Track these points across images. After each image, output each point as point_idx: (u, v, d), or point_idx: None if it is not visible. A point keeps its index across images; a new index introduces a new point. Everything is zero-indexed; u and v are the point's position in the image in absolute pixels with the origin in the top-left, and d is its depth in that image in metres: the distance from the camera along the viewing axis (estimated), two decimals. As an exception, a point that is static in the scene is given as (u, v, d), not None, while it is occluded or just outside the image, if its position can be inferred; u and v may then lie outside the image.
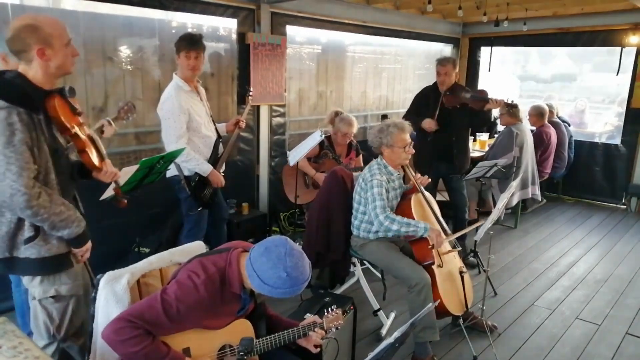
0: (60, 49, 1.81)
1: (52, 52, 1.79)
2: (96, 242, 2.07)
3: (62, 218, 1.80)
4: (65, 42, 1.83)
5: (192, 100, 3.19)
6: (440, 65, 4.05)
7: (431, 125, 4.02)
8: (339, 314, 1.93)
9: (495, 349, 2.95)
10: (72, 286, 1.95)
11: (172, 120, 3.07)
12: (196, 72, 3.17)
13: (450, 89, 4.03)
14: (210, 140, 3.30)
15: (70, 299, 1.96)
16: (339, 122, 4.16)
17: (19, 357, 1.40)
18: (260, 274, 1.61)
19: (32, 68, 1.79)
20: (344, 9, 5.20)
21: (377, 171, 2.93)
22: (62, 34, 1.82)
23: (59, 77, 1.90)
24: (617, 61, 5.82)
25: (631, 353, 3.00)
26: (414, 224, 2.76)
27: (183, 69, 3.13)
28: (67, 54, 1.85)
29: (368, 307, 3.26)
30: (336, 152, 4.27)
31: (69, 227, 1.83)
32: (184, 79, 3.14)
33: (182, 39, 3.11)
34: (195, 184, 3.21)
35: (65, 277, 1.92)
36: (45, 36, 1.77)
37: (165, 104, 3.10)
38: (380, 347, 1.52)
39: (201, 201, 3.26)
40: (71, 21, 3.41)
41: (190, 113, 3.13)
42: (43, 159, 1.76)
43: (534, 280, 4.01)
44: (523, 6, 5.28)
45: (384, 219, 2.76)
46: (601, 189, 6.31)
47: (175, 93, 3.09)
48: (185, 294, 1.62)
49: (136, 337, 1.55)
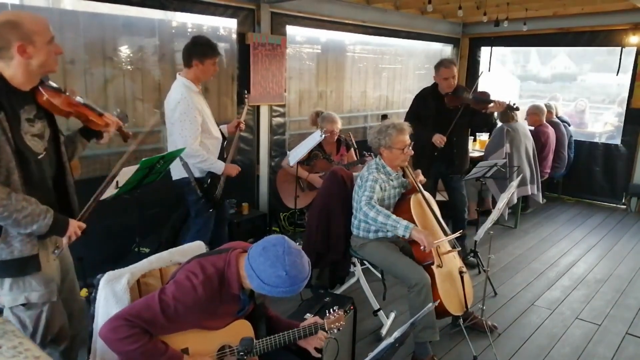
0: (42, 46, 1.74)
1: (33, 49, 1.71)
2: (96, 242, 2.05)
3: (26, 214, 1.70)
4: (47, 39, 1.76)
5: (202, 101, 3.20)
6: (446, 68, 3.94)
7: (442, 141, 3.95)
8: (340, 315, 1.92)
9: (495, 349, 2.95)
10: (44, 293, 1.87)
11: (189, 122, 3.02)
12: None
13: (452, 90, 4.03)
14: (218, 141, 3.31)
15: (43, 306, 1.89)
16: (322, 121, 4.17)
17: (19, 357, 1.40)
18: (259, 274, 1.60)
19: (10, 67, 1.72)
20: (344, 9, 5.20)
21: (375, 170, 2.94)
22: (44, 31, 1.75)
23: (42, 76, 1.82)
24: (617, 61, 5.82)
25: (631, 353, 3.00)
26: (394, 219, 2.72)
27: (204, 74, 3.13)
28: (50, 52, 1.77)
29: (368, 307, 3.26)
30: (326, 151, 4.29)
31: (36, 221, 1.74)
32: (193, 80, 3.12)
33: (207, 46, 3.09)
34: (208, 185, 3.20)
35: (35, 283, 1.85)
36: (27, 32, 1.69)
37: (179, 106, 3.02)
38: (380, 347, 1.52)
39: (213, 202, 3.25)
40: (71, 21, 3.42)
41: (202, 114, 3.12)
42: (3, 159, 1.68)
43: (534, 280, 4.01)
44: (523, 6, 5.28)
45: (365, 204, 2.77)
46: (601, 189, 6.31)
47: (188, 94, 3.05)
48: (183, 295, 1.62)
49: (133, 336, 1.55)
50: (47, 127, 1.89)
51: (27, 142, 1.77)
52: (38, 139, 1.82)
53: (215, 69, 3.18)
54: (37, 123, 1.83)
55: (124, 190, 2.63)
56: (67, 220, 1.88)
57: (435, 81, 4.12)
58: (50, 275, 1.91)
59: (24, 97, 1.79)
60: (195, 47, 3.08)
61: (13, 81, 1.74)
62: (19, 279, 1.83)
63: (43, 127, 1.86)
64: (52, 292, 1.90)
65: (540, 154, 5.53)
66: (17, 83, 1.75)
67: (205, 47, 3.08)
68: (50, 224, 1.79)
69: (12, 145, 1.70)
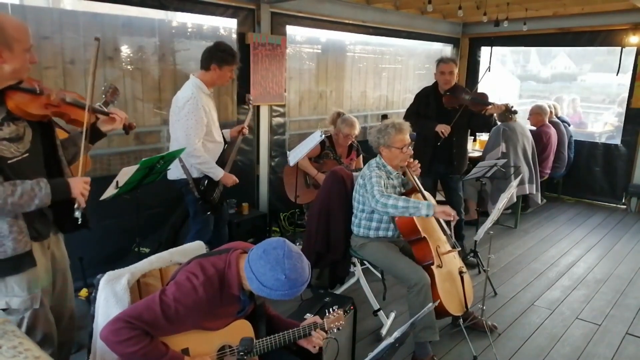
0: (19, 54, 1.72)
1: (9, 55, 1.70)
2: (96, 242, 2.05)
3: (19, 194, 1.69)
4: (26, 47, 1.74)
5: (210, 104, 3.20)
6: (444, 64, 3.99)
7: (446, 130, 3.93)
8: (340, 314, 1.92)
9: (495, 349, 2.95)
10: (26, 299, 1.82)
11: (194, 121, 3.02)
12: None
13: (450, 89, 4.02)
14: (220, 146, 3.31)
15: (25, 312, 1.85)
16: (341, 123, 4.15)
17: (19, 357, 1.40)
18: (258, 277, 1.60)
19: None
20: (344, 9, 5.20)
21: (376, 168, 2.94)
22: (24, 39, 1.73)
23: (10, 82, 1.78)
24: (617, 61, 5.82)
25: (631, 353, 3.00)
26: (413, 201, 2.71)
27: (220, 79, 3.15)
28: (24, 60, 1.75)
29: (368, 307, 3.26)
30: (337, 152, 4.27)
31: (35, 195, 1.72)
32: (206, 83, 3.13)
33: (229, 54, 3.11)
34: (205, 187, 3.20)
35: (18, 289, 1.81)
36: (6, 38, 1.68)
37: (188, 104, 3.02)
38: (380, 347, 1.52)
39: (210, 204, 3.25)
40: (71, 21, 3.42)
41: (209, 117, 3.12)
42: None
43: (534, 280, 4.01)
44: (523, 6, 5.28)
45: (380, 196, 2.74)
46: (601, 189, 6.30)
47: (198, 94, 3.05)
48: (184, 295, 1.62)
49: (134, 338, 1.55)
50: (27, 127, 1.85)
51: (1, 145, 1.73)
52: (9, 142, 1.78)
53: (232, 77, 3.21)
54: (9, 126, 1.78)
55: (124, 190, 2.63)
56: (65, 181, 1.84)
57: (435, 79, 4.13)
58: (36, 279, 1.86)
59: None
60: (217, 52, 3.09)
61: None
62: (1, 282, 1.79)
63: (18, 129, 1.82)
64: (34, 298, 1.85)
65: (541, 154, 5.54)
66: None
67: (226, 54, 3.10)
68: (50, 191, 1.76)
69: None
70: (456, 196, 4.25)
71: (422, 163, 4.17)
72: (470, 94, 3.99)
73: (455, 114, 3.95)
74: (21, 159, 1.80)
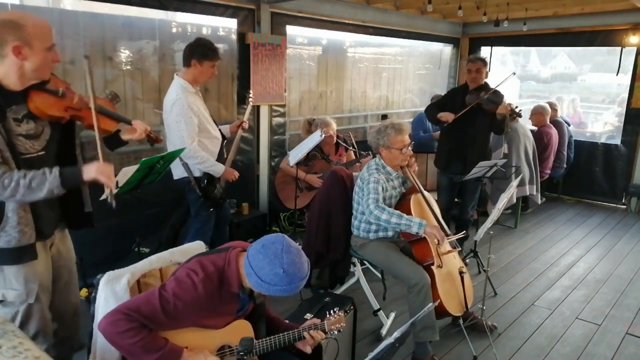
0: (39, 51, 1.74)
1: (29, 52, 1.72)
2: (96, 242, 2.05)
3: (31, 177, 1.71)
4: (47, 45, 1.76)
5: (199, 101, 3.19)
6: (471, 63, 4.10)
7: (448, 117, 3.99)
8: (341, 316, 1.92)
9: (495, 349, 2.95)
10: (21, 293, 1.85)
11: (184, 123, 3.03)
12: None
13: (476, 88, 4.05)
14: (218, 141, 3.31)
15: (20, 305, 1.87)
16: (319, 127, 4.19)
17: (19, 357, 1.40)
18: (257, 271, 1.60)
19: (3, 65, 1.73)
20: (344, 9, 5.20)
21: (375, 170, 2.94)
22: (45, 37, 1.76)
23: (34, 81, 1.81)
24: (617, 61, 5.82)
25: (631, 353, 3.00)
26: (407, 218, 2.73)
27: (202, 75, 3.12)
28: (46, 58, 1.77)
29: (368, 307, 3.26)
30: (325, 152, 4.32)
31: (45, 179, 1.72)
32: (190, 81, 3.11)
33: (208, 49, 3.07)
34: (205, 185, 3.20)
35: (14, 281, 1.83)
36: (26, 35, 1.70)
37: (174, 107, 3.03)
38: (380, 347, 1.52)
39: (212, 201, 3.25)
40: (71, 21, 3.42)
41: (199, 115, 3.12)
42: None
43: (534, 280, 4.01)
44: (523, 6, 5.28)
45: (374, 208, 2.76)
46: (601, 189, 6.30)
47: (183, 95, 3.04)
48: (183, 291, 1.62)
49: (133, 330, 1.55)
50: (46, 126, 1.89)
51: (13, 140, 1.77)
52: (25, 139, 1.81)
53: (214, 73, 3.16)
54: (28, 123, 1.82)
55: (124, 190, 2.63)
56: (76, 169, 1.83)
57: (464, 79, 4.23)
58: (34, 274, 1.88)
59: (14, 96, 1.79)
60: (196, 47, 3.08)
61: (4, 80, 1.76)
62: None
63: (37, 127, 1.85)
64: (30, 292, 1.87)
65: (542, 154, 5.53)
66: (7, 82, 1.76)
67: (206, 48, 3.07)
68: (59, 176, 1.75)
69: (4, 136, 1.73)
70: (470, 198, 4.26)
71: (439, 159, 4.22)
72: (488, 93, 3.98)
73: (470, 111, 3.96)
74: (35, 156, 1.84)
